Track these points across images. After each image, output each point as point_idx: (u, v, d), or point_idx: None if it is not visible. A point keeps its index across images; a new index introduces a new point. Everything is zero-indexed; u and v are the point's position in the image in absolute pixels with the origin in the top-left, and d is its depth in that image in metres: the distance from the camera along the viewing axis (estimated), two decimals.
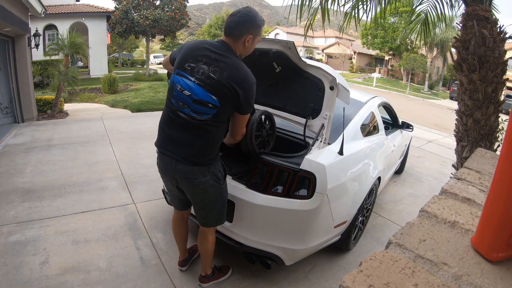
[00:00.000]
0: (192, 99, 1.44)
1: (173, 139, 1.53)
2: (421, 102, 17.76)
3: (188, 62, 1.46)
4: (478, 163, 1.00)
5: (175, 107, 1.50)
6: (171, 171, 1.58)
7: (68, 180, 3.34)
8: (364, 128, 2.53)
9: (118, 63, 23.89)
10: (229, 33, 1.48)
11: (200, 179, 1.54)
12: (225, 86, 1.42)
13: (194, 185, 1.57)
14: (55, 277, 1.96)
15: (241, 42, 1.48)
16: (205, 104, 1.44)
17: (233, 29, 1.46)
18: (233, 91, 1.43)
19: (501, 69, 2.43)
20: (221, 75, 1.41)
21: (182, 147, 1.51)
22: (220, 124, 1.52)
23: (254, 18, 1.47)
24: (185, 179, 1.56)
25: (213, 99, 1.43)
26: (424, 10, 3.47)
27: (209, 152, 1.54)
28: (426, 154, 5.58)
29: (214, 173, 1.59)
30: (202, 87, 1.43)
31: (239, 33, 1.46)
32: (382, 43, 26.46)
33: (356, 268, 0.48)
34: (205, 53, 1.46)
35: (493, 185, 0.51)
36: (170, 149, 1.54)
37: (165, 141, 1.57)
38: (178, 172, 1.55)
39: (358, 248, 2.50)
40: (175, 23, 13.88)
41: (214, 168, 1.58)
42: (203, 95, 1.43)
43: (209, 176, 1.56)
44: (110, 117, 6.58)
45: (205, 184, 1.57)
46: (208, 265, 1.93)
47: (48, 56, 8.53)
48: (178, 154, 1.51)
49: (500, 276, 0.48)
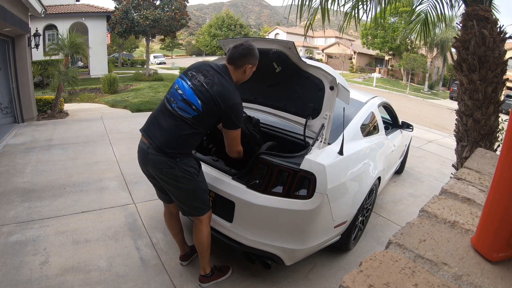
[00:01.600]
0: (182, 98, 1.67)
1: (155, 123, 1.72)
2: (421, 102, 17.75)
3: (192, 70, 1.74)
4: (478, 163, 1.00)
5: (167, 101, 1.72)
6: (144, 160, 1.73)
7: (68, 180, 3.34)
8: (364, 128, 2.53)
9: (118, 63, 23.87)
10: (233, 62, 1.75)
11: (166, 169, 1.66)
12: (211, 98, 1.63)
13: (162, 174, 1.69)
14: (55, 277, 1.96)
15: (242, 70, 1.77)
16: (190, 104, 1.65)
17: (237, 59, 1.74)
18: (218, 105, 1.63)
19: (501, 69, 2.43)
20: (211, 87, 1.65)
21: (159, 131, 1.67)
22: (195, 129, 1.66)
23: (254, 51, 1.77)
24: (154, 168, 1.69)
25: (198, 102, 1.64)
26: (424, 10, 3.48)
27: (177, 145, 1.65)
28: (426, 154, 5.58)
29: (182, 167, 1.68)
30: (193, 91, 1.66)
31: (242, 63, 1.75)
32: (382, 43, 26.45)
33: (356, 268, 0.48)
34: (207, 68, 1.73)
35: (493, 185, 0.51)
36: (148, 133, 1.71)
37: (147, 125, 1.76)
38: (149, 161, 1.69)
39: (358, 248, 2.50)
40: (175, 23, 13.87)
41: (181, 162, 1.67)
42: (191, 97, 1.65)
43: (176, 168, 1.66)
44: (110, 117, 6.58)
45: (174, 175, 1.68)
46: (206, 262, 1.94)
47: (48, 56, 8.55)
48: (151, 139, 1.67)
49: (500, 276, 0.48)
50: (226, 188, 1.93)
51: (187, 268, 2.13)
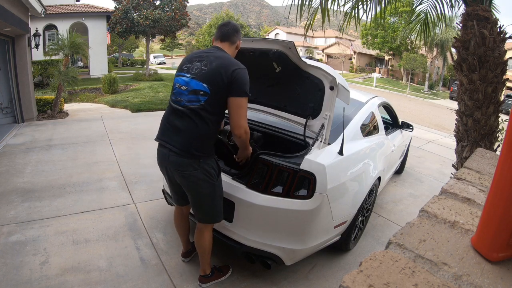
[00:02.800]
0: (188, 91, 1.63)
1: (170, 128, 1.68)
2: (421, 102, 17.75)
3: (185, 64, 1.72)
4: (478, 163, 1.00)
5: (175, 102, 1.68)
6: (165, 162, 1.71)
7: (68, 180, 3.34)
8: (364, 128, 2.53)
9: (118, 63, 23.86)
10: (228, 38, 1.75)
11: (189, 172, 1.64)
12: (214, 73, 1.59)
13: (184, 177, 1.67)
14: (55, 277, 1.96)
15: (235, 45, 1.79)
16: (197, 93, 1.61)
17: (231, 35, 1.75)
18: (221, 76, 1.58)
19: (501, 69, 2.43)
20: (211, 65, 1.61)
21: (175, 135, 1.64)
22: (210, 113, 1.62)
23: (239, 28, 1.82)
24: (176, 171, 1.67)
25: (203, 86, 1.60)
26: (424, 10, 3.47)
27: (197, 143, 1.62)
28: (426, 154, 5.58)
29: (205, 168, 1.66)
30: (195, 79, 1.63)
31: (235, 38, 1.77)
32: (382, 43, 26.44)
33: (356, 268, 0.48)
34: (199, 54, 1.72)
35: (493, 185, 0.51)
36: (165, 139, 1.69)
37: (162, 132, 1.73)
38: (171, 164, 1.67)
39: (358, 248, 2.50)
40: (175, 23, 13.87)
41: (204, 163, 1.65)
42: (196, 84, 1.62)
43: (199, 170, 1.64)
44: (110, 117, 6.58)
45: (196, 177, 1.65)
46: (207, 264, 1.94)
47: (48, 56, 8.54)
48: (171, 144, 1.64)
49: (500, 276, 0.48)
50: (226, 188, 1.92)
51: (187, 268, 2.13)
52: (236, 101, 1.60)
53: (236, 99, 1.60)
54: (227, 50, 1.74)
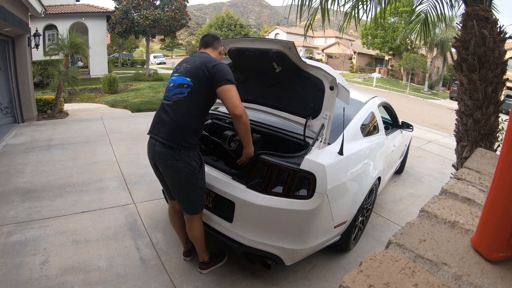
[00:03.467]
0: (174, 87, 1.80)
1: (158, 121, 1.81)
2: (421, 102, 17.75)
3: (177, 67, 1.91)
4: (478, 163, 1.00)
5: (164, 99, 1.85)
6: (151, 152, 1.81)
7: (68, 180, 3.34)
8: (364, 128, 2.53)
9: (118, 63, 23.87)
10: (210, 45, 1.97)
11: (171, 162, 1.73)
12: (197, 68, 1.76)
13: (166, 167, 1.76)
14: (55, 277, 1.96)
15: (218, 51, 1.99)
16: (182, 86, 1.77)
17: (212, 42, 1.98)
18: (204, 70, 1.73)
19: (501, 69, 2.43)
20: (194, 63, 1.80)
21: (162, 126, 1.76)
22: (194, 104, 1.75)
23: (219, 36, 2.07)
24: (160, 160, 1.77)
25: (187, 80, 1.76)
26: (424, 10, 3.47)
27: (180, 135, 1.71)
28: (426, 154, 5.58)
29: (187, 161, 1.74)
30: (181, 75, 1.81)
31: (217, 45, 1.99)
32: (382, 43, 26.43)
33: (356, 268, 0.48)
34: (187, 59, 1.91)
35: (493, 185, 0.51)
36: (154, 131, 1.80)
37: (152, 125, 1.85)
38: (156, 153, 1.76)
39: (358, 248, 2.50)
40: (175, 23, 13.88)
41: (186, 155, 1.73)
42: (181, 80, 1.79)
43: (180, 161, 1.72)
44: (110, 117, 6.58)
45: (176, 167, 1.73)
46: (203, 251, 2.05)
47: (48, 56, 8.54)
48: (157, 134, 1.75)
49: (500, 276, 0.48)
50: (226, 188, 1.93)
51: (187, 268, 2.13)
52: (223, 88, 1.71)
53: (223, 87, 1.71)
54: (211, 54, 1.93)
